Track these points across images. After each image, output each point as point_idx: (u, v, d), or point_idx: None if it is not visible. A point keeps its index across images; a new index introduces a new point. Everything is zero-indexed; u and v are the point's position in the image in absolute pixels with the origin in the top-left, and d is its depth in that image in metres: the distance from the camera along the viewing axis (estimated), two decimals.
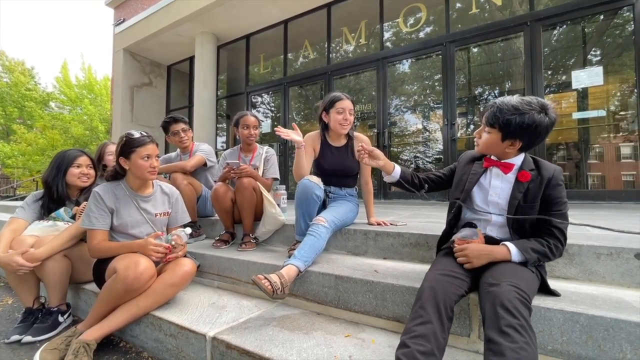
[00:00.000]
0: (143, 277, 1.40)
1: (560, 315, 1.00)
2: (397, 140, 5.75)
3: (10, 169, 15.58)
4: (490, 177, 1.26)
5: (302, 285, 1.54)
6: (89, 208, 1.59)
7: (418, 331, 0.90)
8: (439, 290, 0.99)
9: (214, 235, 2.46)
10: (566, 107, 4.37)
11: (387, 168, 1.42)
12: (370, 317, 1.34)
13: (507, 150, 1.19)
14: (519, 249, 1.09)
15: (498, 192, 1.22)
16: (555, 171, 1.16)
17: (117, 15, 8.45)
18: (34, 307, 1.69)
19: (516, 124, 1.10)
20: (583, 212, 2.69)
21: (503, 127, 1.13)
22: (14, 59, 17.55)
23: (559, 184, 1.14)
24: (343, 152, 1.96)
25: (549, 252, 1.10)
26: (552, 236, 1.12)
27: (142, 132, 1.67)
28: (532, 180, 1.16)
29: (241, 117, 2.29)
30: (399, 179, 1.43)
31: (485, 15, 4.66)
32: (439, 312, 0.94)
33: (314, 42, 6.15)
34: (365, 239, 1.82)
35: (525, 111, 1.09)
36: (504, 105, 1.13)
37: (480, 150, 1.27)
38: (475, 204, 1.27)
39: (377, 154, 1.42)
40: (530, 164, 1.20)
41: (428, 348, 0.86)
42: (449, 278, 1.05)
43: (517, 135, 1.13)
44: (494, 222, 1.24)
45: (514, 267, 1.05)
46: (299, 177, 1.81)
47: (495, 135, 1.18)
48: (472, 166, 1.32)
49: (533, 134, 1.11)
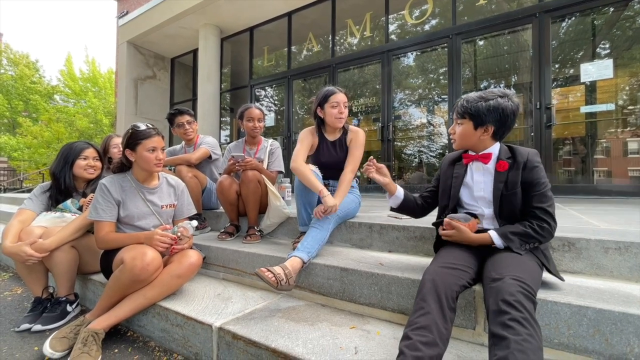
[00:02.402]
0: (150, 268, 1.41)
1: (567, 309, 1.00)
2: (401, 134, 5.71)
3: (16, 162, 15.74)
4: (472, 174, 1.32)
5: (307, 277, 1.55)
6: (96, 200, 1.60)
7: (420, 323, 0.91)
8: (439, 282, 1.00)
9: (218, 227, 2.47)
10: (573, 100, 4.30)
11: (390, 188, 1.45)
12: (375, 309, 1.35)
13: (482, 137, 1.25)
14: (499, 234, 1.15)
15: (482, 187, 1.28)
16: (529, 154, 1.20)
17: (121, 8, 8.43)
18: (43, 297, 1.72)
19: (483, 108, 1.20)
20: (589, 207, 2.66)
21: (472, 114, 1.23)
22: (18, 52, 17.61)
23: (535, 165, 1.17)
24: (339, 146, 1.93)
25: (533, 233, 1.11)
26: (534, 217, 1.14)
27: (148, 124, 1.67)
28: (510, 168, 1.21)
29: (246, 110, 2.28)
30: (402, 200, 1.46)
31: (493, 7, 4.57)
32: (440, 303, 0.95)
33: (318, 34, 6.09)
34: (370, 232, 1.82)
35: (489, 97, 1.20)
36: (469, 97, 1.25)
37: (458, 144, 1.32)
38: (464, 202, 1.33)
39: (385, 172, 1.44)
40: (506, 153, 1.25)
41: (430, 338, 0.87)
42: (450, 270, 1.07)
43: (486, 120, 1.21)
44: (486, 216, 1.27)
45: (517, 259, 1.05)
46: (294, 169, 1.78)
47: (467, 125, 1.26)
48: (453, 169, 1.38)
49: (501, 117, 1.20)
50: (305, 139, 1.92)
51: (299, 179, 1.76)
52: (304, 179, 1.72)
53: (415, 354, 0.84)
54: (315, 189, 1.68)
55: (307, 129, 1.97)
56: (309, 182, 1.70)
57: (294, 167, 1.77)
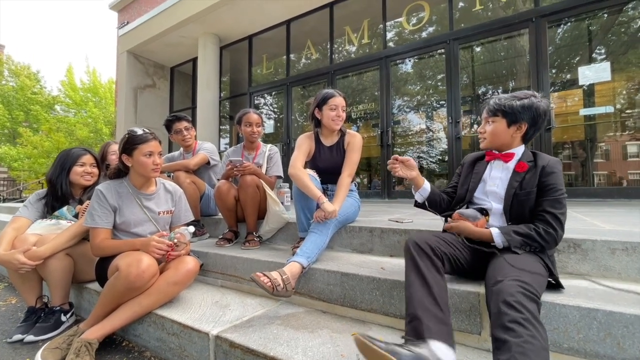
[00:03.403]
0: (145, 275, 1.38)
1: (577, 312, 0.96)
2: (400, 140, 5.71)
3: (16, 172, 15.72)
4: (490, 170, 1.32)
5: (307, 283, 1.51)
6: (92, 206, 1.57)
7: (410, 279, 1.03)
8: (420, 240, 1.10)
9: (217, 234, 2.44)
10: (571, 104, 4.31)
11: (418, 181, 1.38)
12: (377, 315, 1.31)
13: (514, 135, 1.24)
14: (501, 231, 1.13)
15: (497, 182, 1.27)
16: (551, 160, 1.18)
17: (121, 18, 8.52)
18: (37, 307, 1.68)
19: (517, 105, 1.20)
20: (592, 210, 2.63)
21: (507, 111, 1.22)
22: (20, 64, 17.74)
23: (554, 171, 1.15)
24: (336, 149, 1.92)
25: (537, 236, 1.08)
26: (542, 221, 1.11)
27: (144, 129, 1.66)
28: (528, 170, 1.20)
29: (244, 115, 2.27)
30: (429, 193, 1.39)
31: (489, 13, 4.62)
32: (427, 255, 1.06)
33: (316, 42, 6.14)
34: (370, 236, 1.78)
35: (523, 96, 1.21)
36: (502, 96, 1.25)
37: (487, 143, 1.30)
38: (475, 196, 1.32)
39: (411, 164, 1.35)
40: (529, 157, 1.24)
41: (426, 289, 0.98)
42: (434, 237, 1.15)
43: (521, 117, 1.21)
44: (494, 211, 1.25)
45: (519, 262, 1.02)
46: (292, 175, 1.76)
47: (500, 123, 1.25)
48: (473, 167, 1.38)
49: (534, 116, 1.20)
50: (303, 144, 1.90)
51: (297, 186, 1.74)
52: (302, 185, 1.70)
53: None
54: (314, 196, 1.65)
55: (305, 135, 1.96)
56: (307, 189, 1.67)
57: (291, 173, 1.76)
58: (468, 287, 1.15)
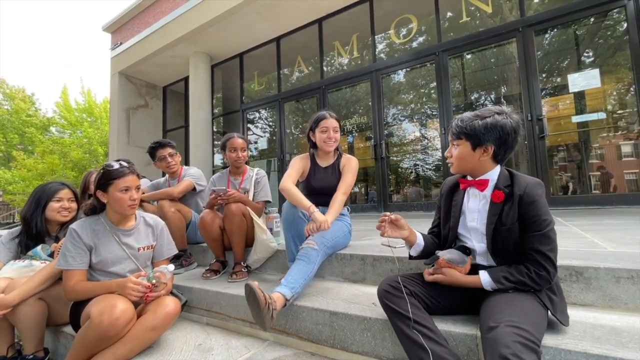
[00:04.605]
0: (119, 323, 1.28)
1: (584, 359, 0.87)
2: (395, 150, 5.67)
3: (10, 196, 15.55)
4: (468, 200, 1.19)
5: (294, 321, 1.42)
6: (65, 247, 1.48)
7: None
8: (388, 285, 1.13)
9: (205, 263, 2.34)
10: (564, 109, 4.30)
11: (411, 239, 1.26)
12: (369, 359, 1.21)
13: (482, 158, 1.11)
14: (491, 278, 1.02)
15: (475, 217, 1.15)
16: (527, 187, 1.04)
17: (114, 40, 8.55)
18: (8, 356, 1.56)
19: (480, 126, 1.07)
20: (590, 222, 2.56)
21: (469, 133, 1.10)
22: (14, 87, 17.82)
23: (533, 200, 1.01)
24: (330, 171, 1.90)
25: (529, 281, 0.98)
26: (532, 261, 1.00)
27: (122, 162, 1.58)
28: (506, 199, 1.07)
29: (227, 140, 2.20)
30: (423, 246, 1.27)
31: (477, 23, 4.64)
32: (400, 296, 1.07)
33: (307, 57, 6.16)
34: (362, 264, 1.70)
35: (485, 115, 1.09)
36: (464, 116, 1.13)
37: (455, 168, 1.19)
38: (458, 232, 1.21)
39: (402, 223, 1.21)
40: (506, 180, 1.11)
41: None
42: (403, 277, 1.17)
43: (485, 139, 1.08)
44: (479, 251, 1.15)
45: (514, 301, 0.94)
46: (282, 189, 1.73)
47: (464, 147, 1.13)
48: (452, 197, 1.26)
49: (501, 136, 1.07)
50: (297, 164, 1.91)
51: (287, 199, 1.71)
52: (292, 197, 1.67)
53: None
54: (304, 207, 1.61)
55: (299, 156, 1.98)
56: (297, 200, 1.64)
57: (282, 186, 1.73)
58: (465, 328, 1.07)
